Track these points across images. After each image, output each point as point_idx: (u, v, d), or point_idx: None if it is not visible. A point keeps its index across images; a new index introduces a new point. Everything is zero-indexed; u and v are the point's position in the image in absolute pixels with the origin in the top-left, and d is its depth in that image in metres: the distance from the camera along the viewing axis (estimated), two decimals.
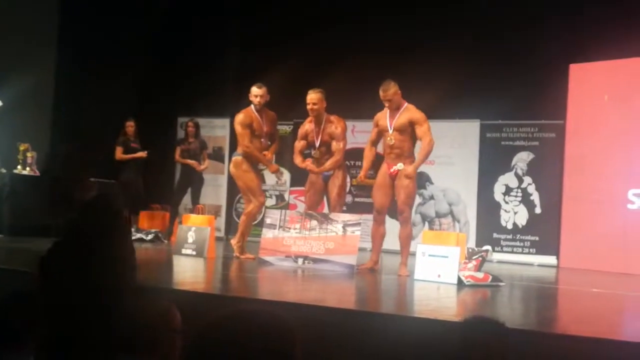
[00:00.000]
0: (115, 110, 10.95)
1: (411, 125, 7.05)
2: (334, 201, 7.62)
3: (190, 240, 7.90)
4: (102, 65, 11.10)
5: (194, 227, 7.96)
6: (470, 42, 9.93)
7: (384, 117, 7.20)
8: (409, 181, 7.04)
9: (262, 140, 7.92)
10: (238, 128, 7.86)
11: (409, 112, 7.09)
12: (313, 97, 7.54)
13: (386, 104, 7.10)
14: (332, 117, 7.65)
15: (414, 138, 7.12)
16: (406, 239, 7.10)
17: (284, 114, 9.32)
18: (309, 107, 7.56)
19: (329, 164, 7.54)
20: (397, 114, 7.09)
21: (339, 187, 7.62)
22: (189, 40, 11.84)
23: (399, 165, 7.05)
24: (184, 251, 7.87)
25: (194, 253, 7.79)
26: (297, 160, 7.79)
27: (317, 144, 7.62)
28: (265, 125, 7.92)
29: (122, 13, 11.09)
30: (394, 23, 10.44)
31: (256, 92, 7.88)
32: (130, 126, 10.42)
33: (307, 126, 7.74)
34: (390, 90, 7.01)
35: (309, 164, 7.66)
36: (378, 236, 7.26)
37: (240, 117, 7.88)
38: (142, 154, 10.37)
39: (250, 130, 7.84)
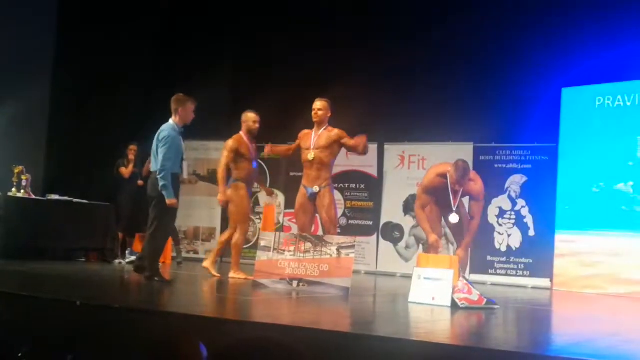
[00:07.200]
0: (109, 133, 10.96)
1: None
2: (326, 223, 7.59)
3: None
4: (96, 89, 11.14)
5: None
6: (464, 66, 10.01)
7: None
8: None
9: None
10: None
11: None
12: (319, 104, 7.64)
13: None
14: (332, 128, 7.68)
15: None
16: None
17: (278, 137, 9.34)
18: (313, 112, 7.63)
19: (357, 139, 7.50)
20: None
21: (327, 207, 7.55)
22: (182, 62, 11.89)
23: None
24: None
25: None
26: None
27: (312, 146, 7.60)
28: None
29: (118, 36, 11.14)
30: (390, 47, 10.51)
31: None
32: (132, 150, 10.40)
33: (306, 130, 7.78)
34: None
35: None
36: None
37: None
38: (140, 182, 10.42)
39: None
